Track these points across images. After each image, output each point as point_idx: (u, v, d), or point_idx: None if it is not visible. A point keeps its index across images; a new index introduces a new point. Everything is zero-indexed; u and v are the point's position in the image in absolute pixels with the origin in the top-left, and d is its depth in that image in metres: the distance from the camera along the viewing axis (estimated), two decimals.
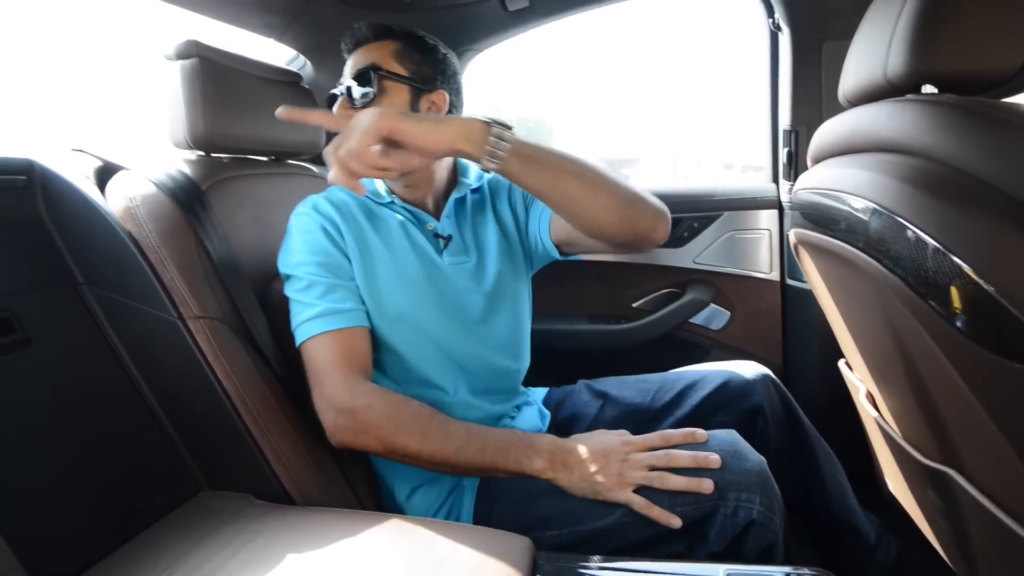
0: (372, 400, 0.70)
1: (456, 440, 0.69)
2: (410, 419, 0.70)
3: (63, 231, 0.78)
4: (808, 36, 1.13)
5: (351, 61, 0.84)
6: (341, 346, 0.73)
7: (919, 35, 0.51)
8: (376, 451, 0.72)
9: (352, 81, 0.80)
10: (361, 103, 0.79)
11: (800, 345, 1.29)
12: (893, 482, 0.79)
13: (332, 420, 0.71)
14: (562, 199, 0.69)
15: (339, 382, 0.71)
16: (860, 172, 0.57)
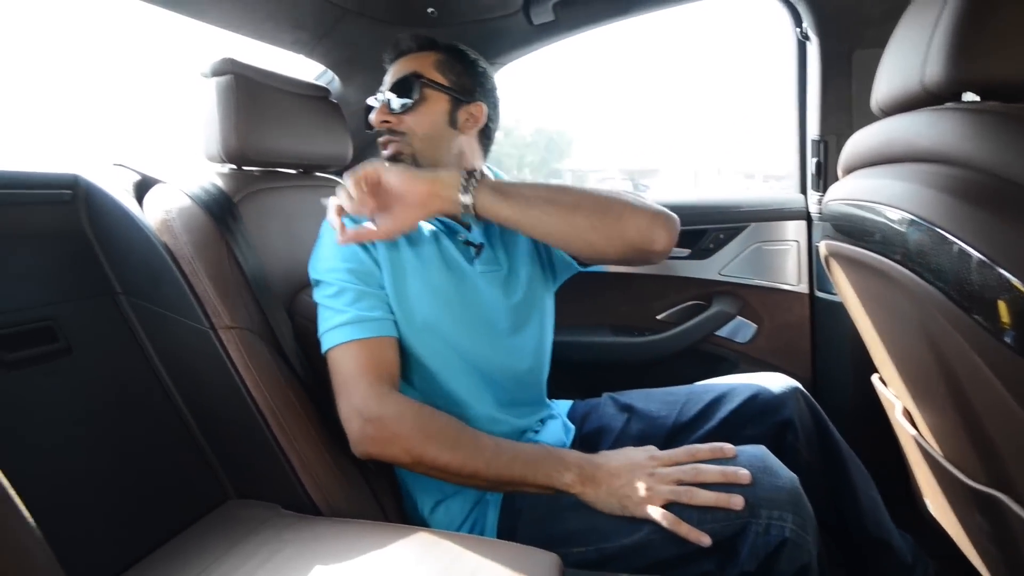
0: (401, 410, 0.69)
1: (485, 453, 0.68)
2: (439, 430, 0.69)
3: (103, 243, 0.81)
4: (838, 45, 1.11)
5: (392, 70, 0.85)
6: (369, 355, 0.72)
7: (959, 41, 0.50)
8: (403, 462, 0.70)
9: (392, 91, 0.81)
10: (401, 111, 0.81)
11: (830, 359, 1.26)
12: (933, 503, 0.76)
13: (359, 429, 0.70)
14: (541, 226, 0.72)
15: (367, 391, 0.70)
16: (896, 183, 0.56)
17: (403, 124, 0.82)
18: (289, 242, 0.90)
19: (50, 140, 1.62)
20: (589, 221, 0.71)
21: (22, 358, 0.68)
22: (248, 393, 0.75)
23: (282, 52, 1.15)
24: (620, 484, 0.66)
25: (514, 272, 0.88)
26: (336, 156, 1.03)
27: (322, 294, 0.77)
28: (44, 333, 0.71)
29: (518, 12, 1.13)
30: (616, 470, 0.67)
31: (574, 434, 0.96)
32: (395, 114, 0.81)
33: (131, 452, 0.74)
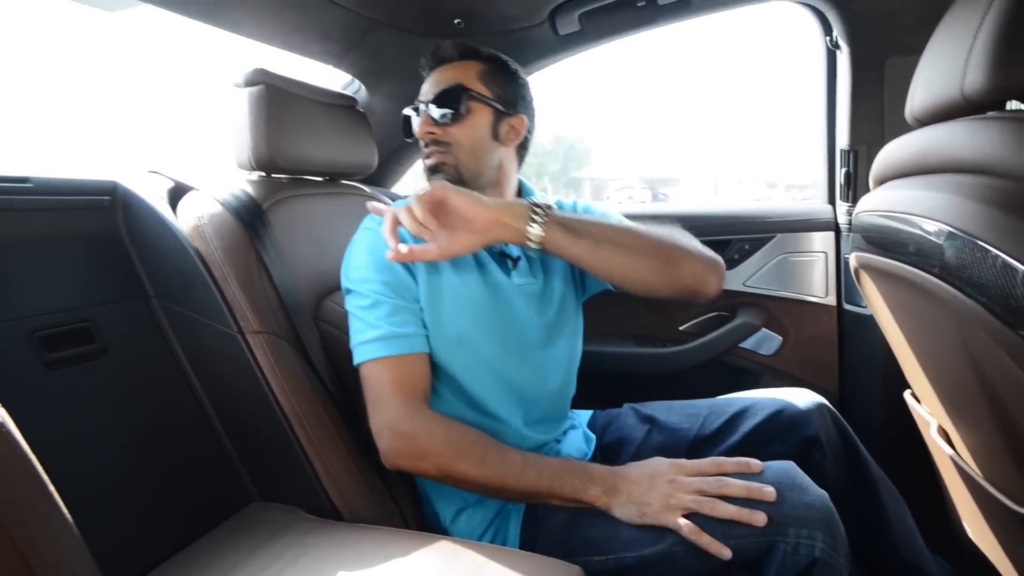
0: (432, 426, 0.70)
1: (514, 467, 0.68)
2: (468, 446, 0.69)
3: (138, 247, 0.83)
4: (870, 53, 1.09)
5: (433, 79, 0.84)
6: (401, 371, 0.73)
7: (1002, 47, 0.48)
8: (432, 476, 0.71)
9: (434, 102, 0.81)
10: (445, 122, 0.81)
11: (859, 373, 1.22)
12: (973, 528, 0.73)
13: (389, 444, 0.70)
14: (605, 267, 0.74)
15: (399, 407, 0.70)
16: (934, 194, 0.54)
17: (448, 135, 0.81)
18: (315, 248, 0.92)
19: (89, 147, 1.68)
20: (652, 266, 0.75)
21: (62, 358, 0.70)
22: (274, 397, 0.76)
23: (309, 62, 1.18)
24: (640, 491, 0.65)
25: (548, 287, 0.87)
26: (362, 164, 1.05)
27: (355, 304, 0.76)
28: (82, 334, 0.73)
29: (544, 23, 1.14)
30: (637, 478, 0.67)
31: (595, 444, 0.95)
32: (439, 125, 0.81)
33: (159, 453, 0.76)
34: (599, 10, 1.10)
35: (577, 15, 1.11)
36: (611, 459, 0.93)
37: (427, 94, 0.83)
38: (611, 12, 1.11)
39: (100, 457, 0.70)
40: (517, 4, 1.07)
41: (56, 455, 0.63)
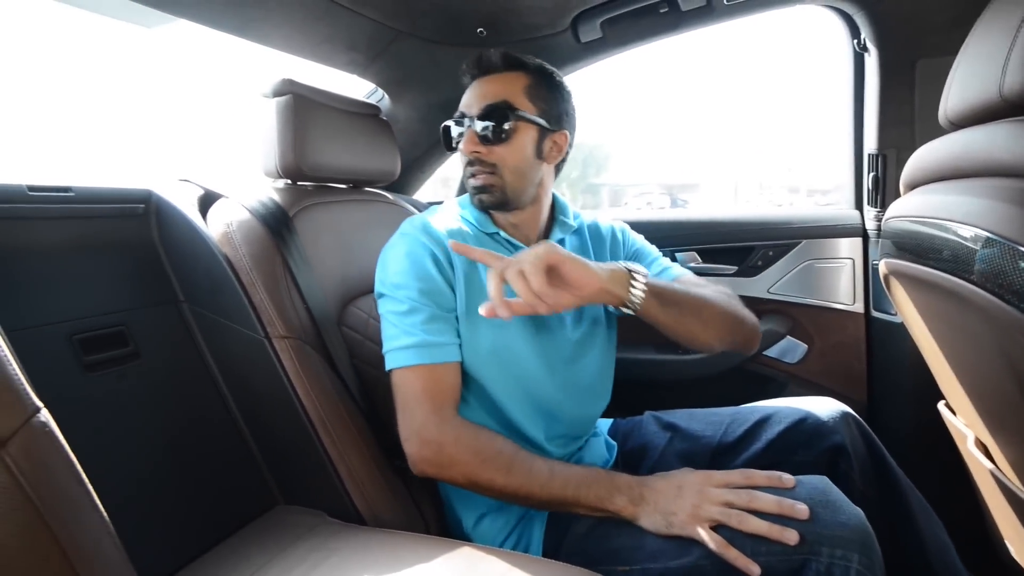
0: (459, 434, 0.70)
1: (540, 477, 0.68)
2: (495, 455, 0.69)
3: (170, 253, 0.86)
4: (899, 55, 1.07)
5: (477, 90, 0.81)
6: (432, 380, 0.73)
7: None
8: (459, 484, 0.71)
9: (480, 118, 0.78)
10: (489, 141, 0.78)
11: (888, 382, 1.19)
12: (1017, 547, 0.70)
13: (417, 451, 0.71)
14: (683, 330, 0.78)
15: (429, 415, 0.71)
16: (971, 199, 0.53)
17: (493, 155, 0.79)
18: (340, 255, 0.93)
19: (124, 156, 1.73)
20: (717, 332, 0.81)
21: (98, 360, 0.73)
22: (299, 402, 0.77)
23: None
24: (667, 501, 0.64)
25: (579, 314, 0.87)
26: (385, 171, 1.06)
27: (390, 309, 0.75)
28: (117, 338, 0.76)
29: (566, 30, 1.14)
30: (664, 488, 0.66)
31: (616, 452, 0.94)
32: (485, 144, 0.78)
33: (187, 454, 0.77)
34: (621, 17, 1.10)
35: (599, 23, 1.11)
36: (633, 467, 0.92)
37: (471, 107, 0.80)
38: (633, 19, 1.11)
39: (131, 458, 0.72)
40: (540, 12, 1.08)
41: (92, 455, 0.65)
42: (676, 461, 0.88)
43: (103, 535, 0.40)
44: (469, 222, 0.84)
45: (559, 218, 0.89)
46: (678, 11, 1.09)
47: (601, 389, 0.91)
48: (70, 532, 0.36)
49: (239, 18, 0.94)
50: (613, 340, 0.93)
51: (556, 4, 1.05)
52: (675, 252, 1.32)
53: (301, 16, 0.96)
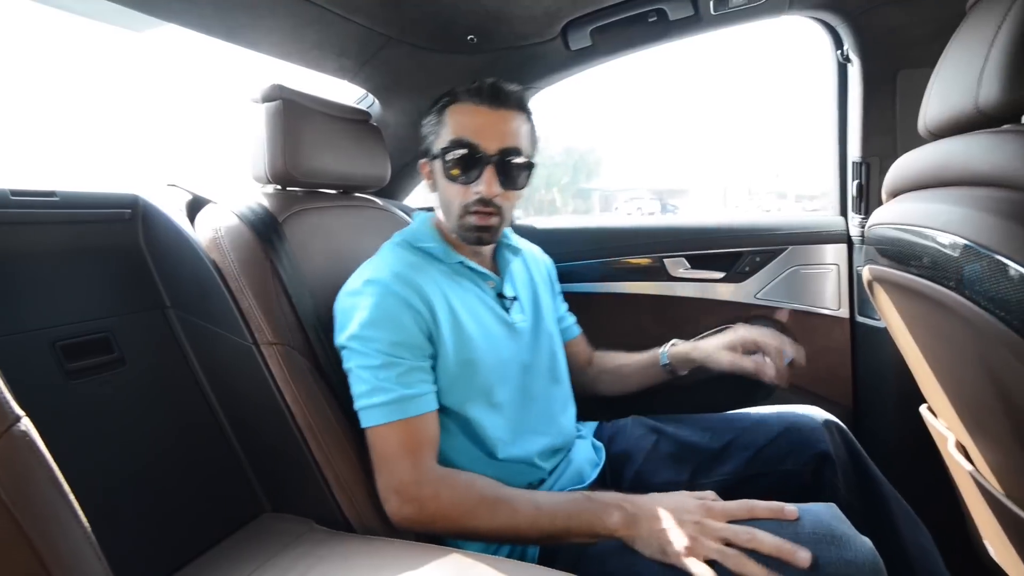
0: (439, 489, 0.69)
1: (526, 515, 0.67)
2: (476, 505, 0.68)
3: (157, 259, 0.85)
4: (881, 66, 1.09)
5: (493, 125, 0.79)
6: (411, 434, 0.72)
7: (1017, 61, 0.48)
8: (446, 536, 0.72)
9: (499, 155, 0.78)
10: (505, 187, 0.80)
11: (872, 387, 1.21)
12: (997, 549, 0.71)
13: (397, 510, 0.70)
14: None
15: (407, 472, 0.70)
16: (950, 207, 0.54)
17: (504, 198, 0.81)
18: (329, 261, 0.93)
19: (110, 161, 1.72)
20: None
21: (82, 367, 0.72)
22: (287, 408, 0.76)
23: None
24: (662, 528, 0.61)
25: (539, 322, 0.93)
26: (375, 177, 1.06)
27: (360, 364, 0.73)
28: (101, 344, 0.75)
29: (556, 38, 1.15)
30: (661, 513, 0.63)
31: (604, 454, 0.95)
32: (502, 186, 0.80)
33: (173, 462, 0.76)
34: (611, 26, 1.12)
35: (589, 31, 1.13)
36: (618, 469, 0.93)
37: (488, 142, 0.78)
38: (623, 28, 1.12)
39: (115, 466, 0.71)
40: (530, 20, 1.09)
41: (74, 463, 0.64)
42: (661, 466, 0.89)
43: (84, 545, 0.40)
44: (434, 255, 0.85)
45: (504, 241, 0.92)
46: (666, 20, 1.10)
47: (572, 398, 0.97)
48: (49, 542, 0.36)
49: (228, 23, 0.94)
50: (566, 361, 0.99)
51: (546, 12, 1.06)
52: (664, 258, 1.33)
53: (291, 22, 0.96)
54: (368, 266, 0.81)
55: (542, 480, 0.85)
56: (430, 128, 0.85)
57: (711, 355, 0.90)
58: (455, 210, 0.82)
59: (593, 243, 1.41)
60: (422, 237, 0.86)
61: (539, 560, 0.75)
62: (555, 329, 0.97)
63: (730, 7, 1.09)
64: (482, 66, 1.23)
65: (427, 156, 0.86)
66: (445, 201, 0.84)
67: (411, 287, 0.76)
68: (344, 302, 0.78)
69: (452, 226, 0.84)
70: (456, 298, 0.81)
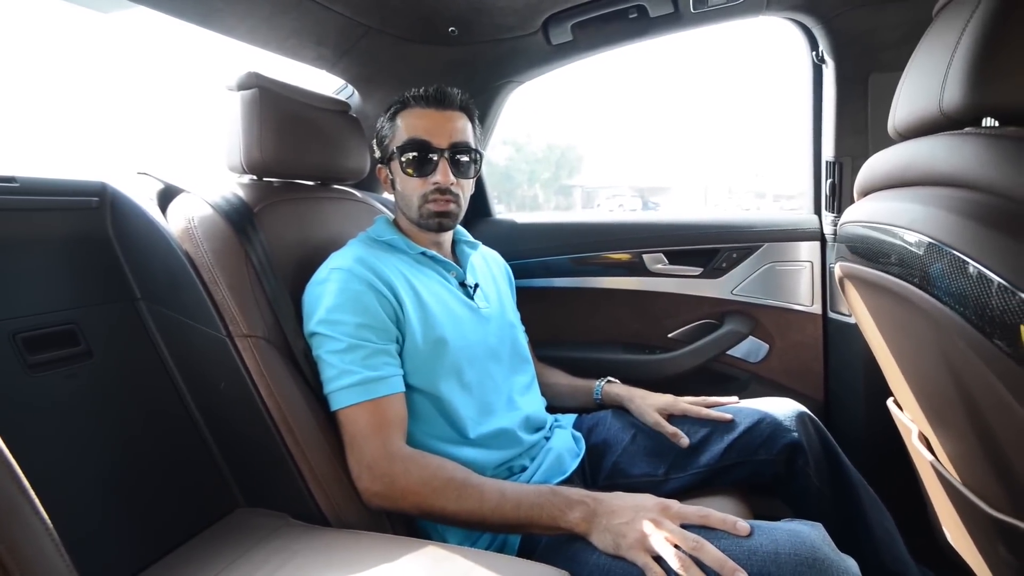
0: (408, 466, 0.71)
1: (490, 501, 0.68)
2: (444, 484, 0.70)
3: (126, 249, 0.83)
4: (854, 69, 1.12)
5: (440, 124, 0.87)
6: (379, 414, 0.74)
7: (978, 66, 0.50)
8: (413, 515, 0.73)
9: (450, 149, 0.86)
10: (459, 175, 0.88)
11: (843, 381, 1.24)
12: (953, 534, 0.74)
13: (368, 486, 0.72)
14: None
15: (377, 450, 0.72)
16: (916, 206, 0.56)
17: (459, 186, 0.88)
18: (306, 253, 0.91)
19: (78, 147, 1.66)
20: None
21: (45, 360, 0.69)
22: (261, 401, 0.75)
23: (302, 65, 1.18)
24: (619, 522, 0.63)
25: (502, 309, 0.98)
26: (355, 169, 1.05)
27: (328, 349, 0.76)
28: (67, 336, 0.73)
29: (537, 32, 1.15)
30: (619, 508, 0.65)
31: (583, 445, 0.96)
32: (456, 176, 0.87)
33: (144, 456, 0.75)
34: (592, 21, 1.12)
35: (570, 25, 1.13)
36: (596, 461, 0.94)
37: (439, 138, 0.86)
38: (603, 23, 1.13)
39: (84, 461, 0.69)
40: (511, 13, 1.08)
41: (38, 459, 0.62)
42: (639, 458, 0.91)
43: (45, 541, 0.38)
44: (397, 246, 0.90)
45: (460, 238, 0.99)
46: (647, 17, 1.11)
47: (536, 380, 1.03)
48: (8, 539, 0.35)
49: (201, 7, 0.92)
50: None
51: (527, 5, 1.06)
52: (643, 253, 1.35)
53: (267, 8, 0.94)
54: (333, 257, 0.84)
55: (524, 468, 0.86)
56: (385, 133, 0.91)
57: (643, 411, 0.95)
58: (415, 202, 0.88)
59: (573, 238, 1.42)
60: (383, 232, 0.91)
61: (521, 542, 0.75)
62: (516, 319, 1.02)
63: (709, 6, 1.10)
64: (463, 58, 1.23)
65: (384, 160, 0.92)
66: (405, 196, 0.89)
67: (374, 272, 0.80)
68: (310, 292, 0.81)
69: (414, 217, 0.89)
70: (420, 284, 0.85)
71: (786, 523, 0.64)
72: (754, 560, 0.58)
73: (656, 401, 0.96)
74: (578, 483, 0.90)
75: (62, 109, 3.70)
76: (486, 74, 1.31)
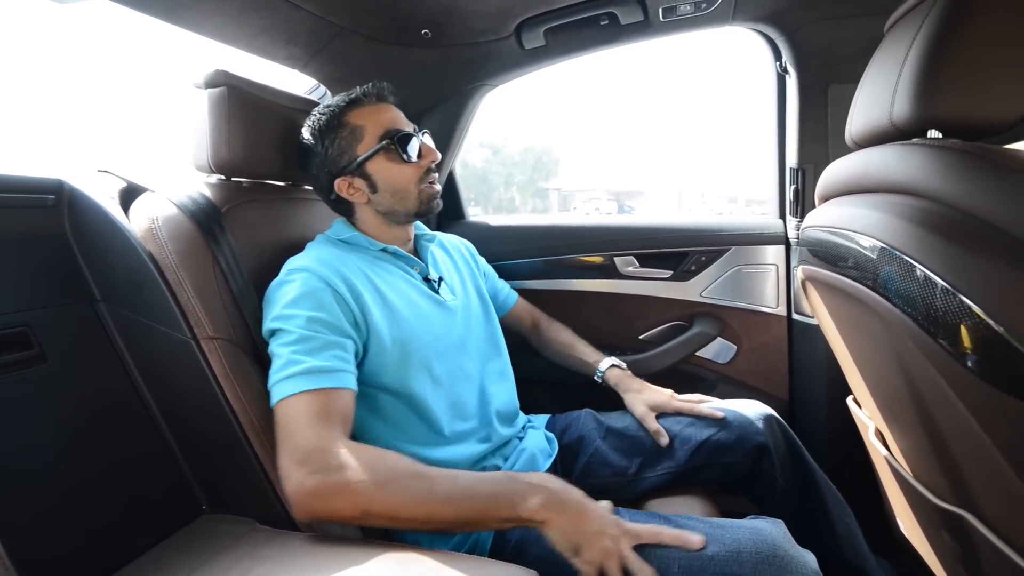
0: (347, 459, 0.62)
1: (440, 492, 0.61)
2: (389, 475, 0.62)
3: (85, 249, 0.80)
4: (814, 80, 1.16)
5: (391, 113, 0.89)
6: (324, 405, 0.66)
7: (923, 81, 0.53)
8: (350, 516, 0.61)
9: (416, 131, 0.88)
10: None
11: (806, 381, 1.28)
12: (905, 524, 0.77)
13: (299, 483, 0.61)
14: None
15: (314, 439, 0.63)
16: (870, 212, 0.58)
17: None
18: (275, 254, 0.90)
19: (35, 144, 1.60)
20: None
21: None
22: (228, 405, 0.74)
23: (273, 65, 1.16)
24: (585, 531, 0.60)
25: (469, 305, 0.97)
26: None
27: (279, 342, 0.71)
28: (18, 339, 0.70)
29: (510, 36, 1.16)
30: (591, 515, 0.62)
31: (556, 444, 0.97)
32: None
33: (104, 463, 0.73)
34: (564, 27, 1.13)
35: (543, 30, 1.14)
36: (570, 459, 0.95)
37: (404, 124, 0.88)
38: (576, 29, 1.14)
39: (40, 468, 0.66)
40: (484, 17, 1.09)
41: None
42: (610, 458, 0.92)
43: None
44: (358, 244, 0.88)
45: (418, 232, 0.98)
46: (618, 24, 1.13)
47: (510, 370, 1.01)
48: None
49: (164, 1, 0.89)
50: (500, 331, 1.03)
51: (500, 10, 1.07)
52: (614, 256, 1.37)
53: (235, 6, 0.92)
54: (292, 259, 0.82)
55: (497, 468, 0.86)
56: (343, 144, 0.86)
57: (633, 405, 0.97)
58: (414, 188, 0.88)
59: (546, 240, 1.43)
60: (342, 232, 0.90)
61: (492, 542, 0.75)
62: (486, 308, 1.01)
63: (678, 15, 1.13)
64: (436, 60, 1.23)
65: (346, 172, 0.87)
66: (400, 187, 0.87)
67: (335, 272, 0.78)
68: (269, 293, 0.79)
69: (413, 206, 0.88)
70: (382, 281, 0.84)
71: (749, 521, 0.66)
72: (717, 558, 0.60)
73: (650, 398, 0.96)
74: None
75: (16, 103, 3.52)
76: (459, 77, 1.31)
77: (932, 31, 0.52)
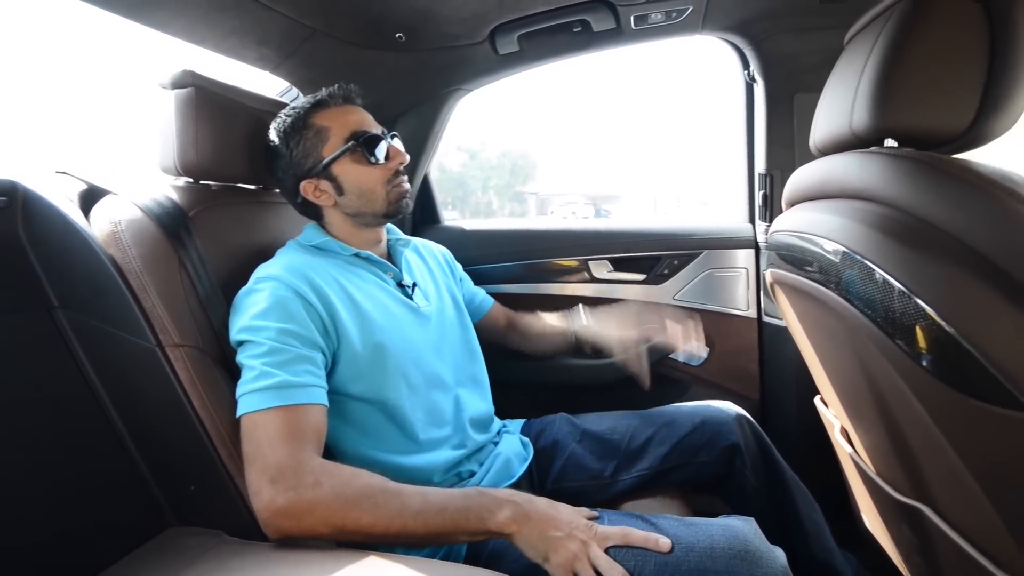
0: (319, 477, 0.63)
1: (411, 507, 0.62)
2: (360, 492, 0.62)
3: (41, 254, 0.77)
4: (780, 88, 1.20)
5: (359, 115, 0.88)
6: (295, 422, 0.66)
7: (879, 93, 0.55)
8: (321, 534, 0.62)
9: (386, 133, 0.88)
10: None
11: (777, 382, 1.31)
12: (869, 518, 0.80)
13: (268, 501, 0.61)
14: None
15: (287, 459, 0.63)
16: (832, 217, 0.60)
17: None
18: (244, 259, 0.88)
19: None
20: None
21: None
22: (195, 414, 0.72)
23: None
24: (552, 536, 0.61)
25: (443, 311, 0.96)
26: None
27: (249, 354, 0.70)
28: None
29: (484, 41, 1.17)
30: (556, 520, 0.63)
31: (531, 449, 0.97)
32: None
33: (63, 476, 0.69)
34: (538, 33, 1.15)
35: (516, 36, 1.15)
36: (546, 463, 0.96)
37: (372, 126, 0.87)
38: (549, 35, 1.16)
39: None
40: (458, 22, 1.09)
41: None
42: (585, 461, 0.93)
43: None
44: (329, 249, 0.87)
45: (393, 237, 0.97)
46: (590, 31, 1.15)
47: (485, 376, 1.01)
48: None
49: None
50: (475, 337, 1.03)
51: (475, 15, 1.07)
52: (588, 261, 1.38)
53: (203, 5, 0.91)
54: (261, 267, 0.80)
55: (472, 473, 0.86)
56: (309, 146, 0.85)
57: (608, 342, 1.02)
58: (381, 190, 0.86)
59: (521, 245, 1.43)
60: (313, 237, 0.88)
61: (467, 548, 0.75)
62: (461, 314, 1.00)
63: (649, 23, 1.15)
64: (411, 65, 1.22)
65: (311, 174, 0.86)
66: (367, 189, 0.86)
67: (304, 280, 0.76)
68: (237, 302, 0.77)
69: (381, 208, 0.87)
70: (354, 288, 0.82)
71: (721, 519, 0.67)
72: (691, 556, 0.61)
73: (627, 336, 1.01)
74: (526, 487, 0.91)
75: None
76: (433, 81, 1.31)
77: (885, 46, 0.55)
